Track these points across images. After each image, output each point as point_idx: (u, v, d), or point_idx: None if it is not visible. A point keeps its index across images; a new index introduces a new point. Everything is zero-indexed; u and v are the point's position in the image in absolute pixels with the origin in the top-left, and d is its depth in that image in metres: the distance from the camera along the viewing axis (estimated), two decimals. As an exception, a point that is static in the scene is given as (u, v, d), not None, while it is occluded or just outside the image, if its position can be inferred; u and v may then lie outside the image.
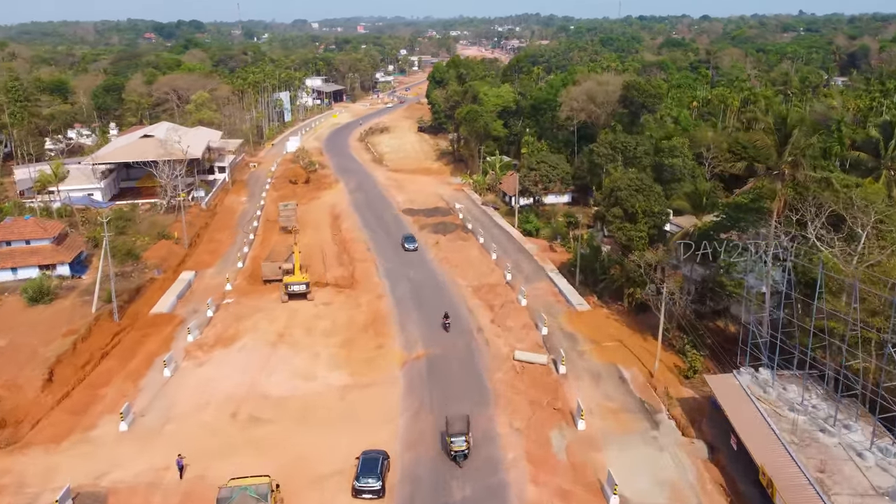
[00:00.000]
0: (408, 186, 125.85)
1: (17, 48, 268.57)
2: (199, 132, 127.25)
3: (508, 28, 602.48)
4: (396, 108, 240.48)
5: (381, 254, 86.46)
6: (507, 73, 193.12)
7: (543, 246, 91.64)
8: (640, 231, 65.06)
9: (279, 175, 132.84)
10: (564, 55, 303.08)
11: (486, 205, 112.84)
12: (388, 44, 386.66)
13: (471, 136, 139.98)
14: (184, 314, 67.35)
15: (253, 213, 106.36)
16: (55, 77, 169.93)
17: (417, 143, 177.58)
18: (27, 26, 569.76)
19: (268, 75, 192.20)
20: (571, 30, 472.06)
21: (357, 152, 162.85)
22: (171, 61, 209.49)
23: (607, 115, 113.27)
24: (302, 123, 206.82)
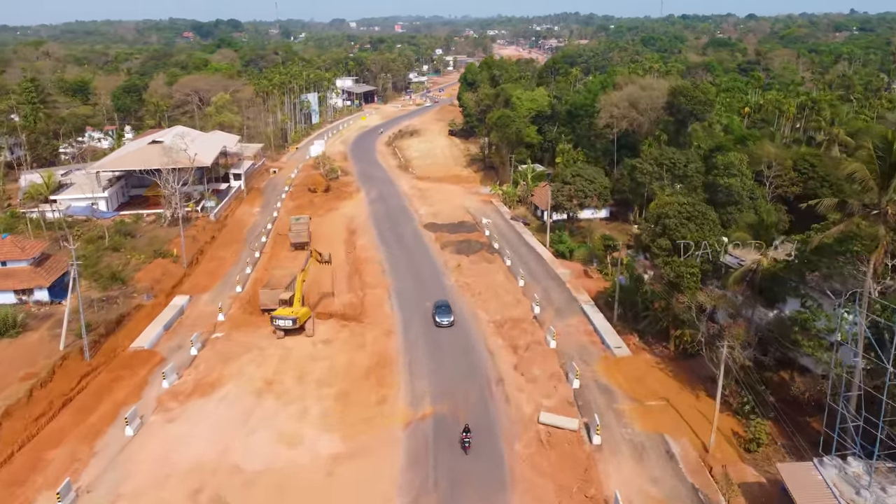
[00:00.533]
0: (433, 196, 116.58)
1: (52, 47, 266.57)
2: (213, 137, 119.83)
3: (547, 27, 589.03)
4: (428, 110, 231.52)
5: (396, 277, 77.30)
6: (542, 74, 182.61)
7: (577, 271, 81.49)
8: (692, 267, 54.72)
9: (298, 182, 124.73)
10: (604, 55, 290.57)
11: (515, 219, 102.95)
12: (424, 43, 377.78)
13: (502, 142, 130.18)
14: (166, 351, 59.09)
15: (264, 226, 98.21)
16: (78, 77, 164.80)
17: (447, 147, 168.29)
18: (72, 25, 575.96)
19: (294, 76, 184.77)
20: (611, 29, 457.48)
21: (383, 158, 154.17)
22: (199, 61, 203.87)
23: (651, 123, 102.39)
24: (330, 125, 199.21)
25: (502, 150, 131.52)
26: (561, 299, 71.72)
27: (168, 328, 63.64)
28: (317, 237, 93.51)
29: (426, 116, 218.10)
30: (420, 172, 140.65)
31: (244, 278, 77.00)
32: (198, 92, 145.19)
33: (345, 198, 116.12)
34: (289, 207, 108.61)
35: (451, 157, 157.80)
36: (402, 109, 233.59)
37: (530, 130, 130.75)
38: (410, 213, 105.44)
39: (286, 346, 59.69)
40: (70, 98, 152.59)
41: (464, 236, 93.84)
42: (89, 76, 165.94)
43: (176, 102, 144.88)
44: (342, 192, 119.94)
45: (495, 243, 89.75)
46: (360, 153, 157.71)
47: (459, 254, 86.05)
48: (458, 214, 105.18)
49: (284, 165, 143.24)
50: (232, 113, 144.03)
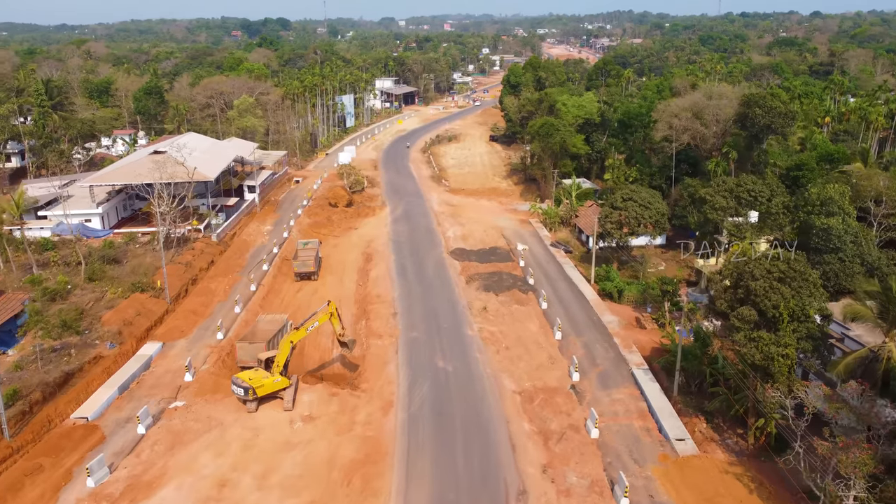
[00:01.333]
0: (464, 214, 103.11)
1: (94, 46, 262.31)
2: (226, 146, 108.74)
3: (598, 26, 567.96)
4: (471, 113, 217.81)
5: (408, 324, 64.17)
6: (592, 76, 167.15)
7: (627, 318, 67.05)
8: (786, 345, 40.17)
9: (319, 195, 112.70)
10: (658, 56, 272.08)
11: (556, 245, 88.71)
12: (470, 42, 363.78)
13: (544, 153, 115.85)
14: (111, 425, 47.27)
15: (270, 249, 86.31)
16: (104, 78, 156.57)
17: (487, 155, 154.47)
18: (127, 24, 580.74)
19: (328, 77, 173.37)
20: (666, 27, 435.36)
21: (416, 166, 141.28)
22: (233, 61, 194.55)
23: (717, 136, 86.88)
24: (365, 129, 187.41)
25: (544, 161, 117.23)
26: (607, 359, 57.57)
27: (123, 390, 51.91)
28: (328, 265, 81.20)
29: (467, 120, 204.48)
30: (454, 184, 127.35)
31: (230, 321, 64.96)
32: (221, 94, 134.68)
33: (367, 214, 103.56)
34: (304, 226, 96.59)
35: (489, 166, 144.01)
36: (442, 112, 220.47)
37: (577, 140, 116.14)
38: (437, 236, 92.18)
39: (256, 424, 47.13)
40: (91, 100, 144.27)
41: (494, 267, 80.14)
42: (114, 77, 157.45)
43: (197, 105, 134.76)
44: (365, 207, 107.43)
45: (530, 278, 75.81)
46: (392, 161, 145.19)
47: (487, 291, 72.43)
48: (490, 238, 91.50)
49: (309, 174, 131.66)
50: (256, 117, 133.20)
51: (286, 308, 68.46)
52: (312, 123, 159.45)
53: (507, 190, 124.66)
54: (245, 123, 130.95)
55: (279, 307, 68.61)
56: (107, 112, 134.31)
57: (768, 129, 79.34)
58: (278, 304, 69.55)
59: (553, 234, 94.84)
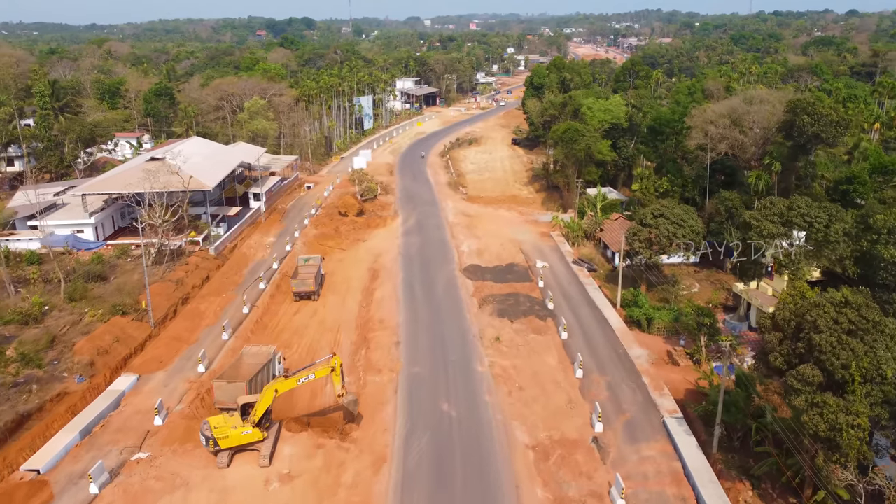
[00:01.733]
0: (481, 226, 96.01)
1: (115, 45, 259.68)
2: (231, 151, 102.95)
3: (626, 25, 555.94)
4: (493, 114, 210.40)
5: (412, 356, 57.32)
6: (619, 77, 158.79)
7: (658, 351, 59.49)
8: (858, 414, 32.63)
9: (329, 203, 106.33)
10: (689, 55, 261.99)
11: (579, 262, 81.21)
12: (495, 42, 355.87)
13: (567, 160, 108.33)
14: (63, 480, 41.11)
15: (271, 264, 80.00)
16: (114, 79, 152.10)
17: (508, 159, 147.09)
18: (154, 23, 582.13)
19: (345, 78, 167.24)
20: (696, 27, 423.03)
21: (434, 171, 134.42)
22: (250, 61, 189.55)
23: (758, 146, 78.70)
24: (384, 131, 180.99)
25: (568, 169, 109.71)
26: (634, 404, 50.17)
27: (85, 435, 45.78)
28: (331, 282, 74.76)
29: (489, 122, 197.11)
30: (472, 191, 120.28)
31: (216, 349, 58.70)
32: (232, 96, 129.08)
33: (377, 225, 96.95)
34: (309, 237, 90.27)
35: (510, 171, 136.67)
36: (464, 113, 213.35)
37: (602, 146, 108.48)
38: (450, 250, 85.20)
39: (226, 484, 40.58)
40: (102, 101, 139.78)
41: (511, 288, 72.95)
42: (125, 77, 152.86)
43: (207, 108, 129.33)
44: (376, 217, 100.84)
45: (549, 301, 68.46)
46: (409, 165, 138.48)
47: (502, 316, 65.32)
48: (507, 253, 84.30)
49: (322, 179, 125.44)
50: (267, 120, 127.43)
51: (280, 333, 62.11)
52: (328, 126, 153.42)
53: (528, 198, 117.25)
54: (255, 126, 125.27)
55: (272, 333, 62.26)
56: (116, 114, 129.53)
57: (817, 139, 71.06)
58: (272, 329, 63.20)
59: (576, 249, 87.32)
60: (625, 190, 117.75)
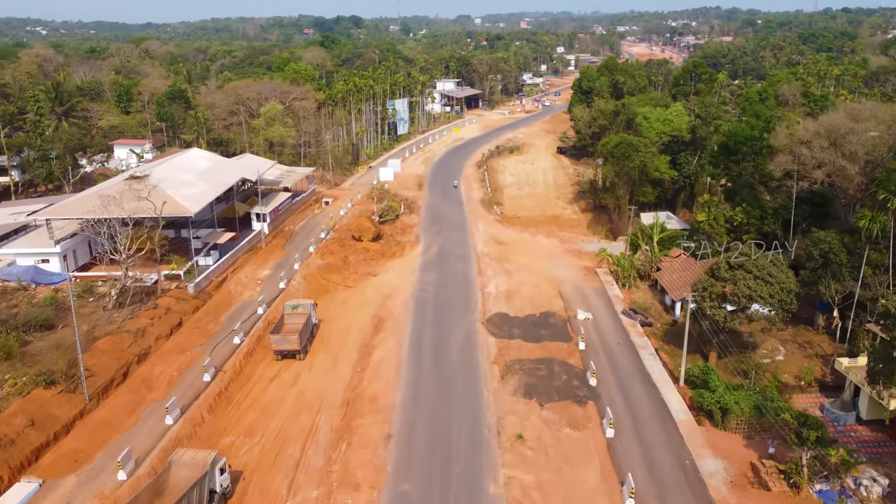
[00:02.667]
0: (514, 258, 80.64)
1: (153, 44, 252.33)
2: (234, 164, 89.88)
3: (683, 23, 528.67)
4: (539, 118, 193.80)
5: (404, 461, 42.46)
6: (679, 80, 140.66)
7: (739, 462, 43.24)
8: None
9: (343, 225, 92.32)
10: (754, 55, 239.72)
11: (631, 313, 65.08)
12: (544, 40, 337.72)
13: (619, 178, 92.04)
14: None
15: (256, 307, 66.18)
16: (131, 81, 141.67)
17: (552, 171, 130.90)
18: (207, 22, 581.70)
19: (378, 79, 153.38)
20: (759, 24, 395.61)
21: (468, 185, 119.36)
22: (280, 61, 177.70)
23: (866, 174, 61.15)
24: (420, 137, 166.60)
25: (618, 188, 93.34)
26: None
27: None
28: (327, 332, 60.84)
29: (534, 127, 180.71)
30: (509, 209, 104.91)
31: (153, 440, 44.97)
32: (247, 101, 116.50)
33: (393, 254, 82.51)
34: (312, 270, 76.34)
35: (553, 186, 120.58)
36: (507, 117, 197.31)
37: (660, 163, 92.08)
38: (473, 292, 70.09)
39: None
40: (115, 105, 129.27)
41: (544, 350, 57.51)
42: (140, 78, 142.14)
43: (221, 113, 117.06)
44: (394, 243, 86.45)
45: (592, 376, 52.78)
46: (441, 178, 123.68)
47: (529, 396, 50.06)
48: (543, 297, 68.80)
49: (342, 193, 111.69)
50: (285, 126, 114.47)
51: (244, 414, 48.29)
52: (357, 132, 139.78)
53: (572, 220, 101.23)
54: (272, 134, 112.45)
55: (235, 412, 48.48)
56: (128, 119, 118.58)
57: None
58: (237, 406, 49.40)
59: (626, 292, 71.17)
60: (684, 212, 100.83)
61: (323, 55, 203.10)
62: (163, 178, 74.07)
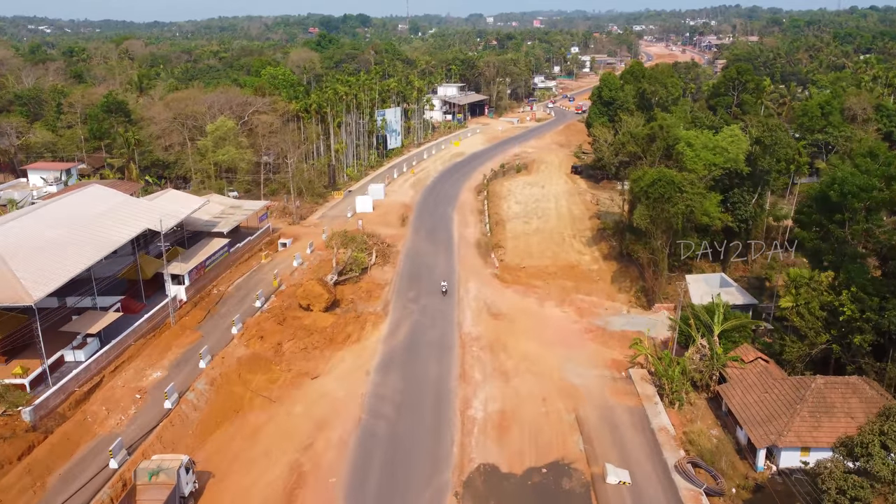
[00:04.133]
0: (514, 346, 56.76)
1: (134, 44, 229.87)
2: (144, 207, 66.19)
3: (703, 22, 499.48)
4: (551, 128, 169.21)
5: None
6: (718, 90, 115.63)
7: None
8: None
9: (292, 286, 68.57)
10: (789, 57, 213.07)
11: (689, 473, 40.91)
12: (558, 40, 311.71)
13: (656, 225, 67.65)
14: None
15: (113, 454, 42.77)
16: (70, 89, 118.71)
17: (565, 197, 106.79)
18: (213, 21, 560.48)
19: (364, 85, 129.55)
20: (785, 23, 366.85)
21: (462, 219, 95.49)
22: (259, 64, 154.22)
23: None
24: (414, 151, 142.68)
25: (655, 238, 68.88)
26: None
27: None
28: None
29: (545, 138, 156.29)
30: (510, 255, 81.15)
31: None
32: (195, 116, 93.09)
33: (347, 339, 58.55)
34: (229, 366, 52.65)
35: (567, 218, 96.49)
36: (516, 126, 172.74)
37: (710, 205, 68.13)
38: (449, 423, 46.03)
39: None
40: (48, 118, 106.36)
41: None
42: (70, 88, 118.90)
43: (158, 132, 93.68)
44: (353, 316, 62.51)
45: None
46: (431, 209, 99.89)
47: None
48: (553, 429, 44.89)
49: (306, 232, 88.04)
50: (239, 148, 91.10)
51: None
52: (335, 149, 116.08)
53: (591, 273, 77.21)
54: (221, 157, 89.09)
55: None
56: (44, 136, 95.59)
57: None
58: None
59: (677, 414, 46.97)
60: (737, 265, 76.53)
61: (311, 57, 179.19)
62: (15, 237, 50.98)
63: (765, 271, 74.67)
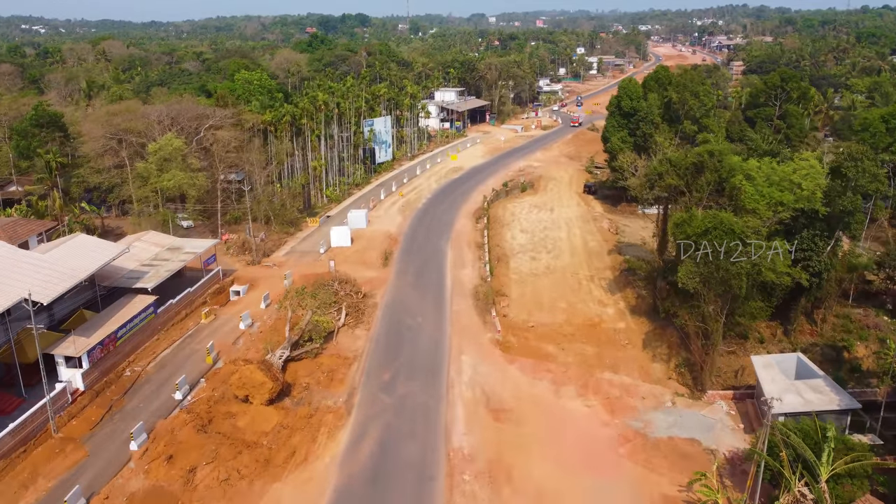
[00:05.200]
0: (523, 474, 39.76)
1: (112, 45, 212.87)
2: (26, 264, 49.10)
3: (711, 21, 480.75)
4: (557, 137, 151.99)
5: None
6: (757, 99, 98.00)
7: None
8: None
9: (227, 368, 51.61)
10: (813, 59, 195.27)
11: None
12: (563, 41, 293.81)
13: (708, 287, 50.46)
14: None
15: None
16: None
17: (579, 224, 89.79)
18: (212, 21, 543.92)
19: (350, 92, 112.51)
20: (798, 23, 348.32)
21: (458, 254, 78.40)
22: (235, 67, 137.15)
23: None
24: (407, 164, 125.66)
25: (709, 301, 51.59)
26: None
27: None
28: None
29: (552, 149, 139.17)
30: (516, 313, 64.07)
31: None
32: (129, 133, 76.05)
33: (287, 459, 41.27)
34: (110, 512, 35.91)
35: (583, 252, 79.45)
36: (520, 135, 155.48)
37: (779, 261, 51.04)
38: None
39: None
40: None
41: None
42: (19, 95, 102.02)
43: (96, 151, 76.64)
44: (304, 414, 45.44)
45: None
46: (422, 240, 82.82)
47: None
48: None
49: (267, 275, 71.02)
50: (187, 171, 74.11)
51: None
52: (313, 167, 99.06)
53: (618, 335, 60.16)
54: (165, 183, 72.12)
55: None
56: None
57: None
58: None
59: None
60: (804, 326, 59.59)
61: (297, 59, 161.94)
62: None
63: (839, 336, 57.94)
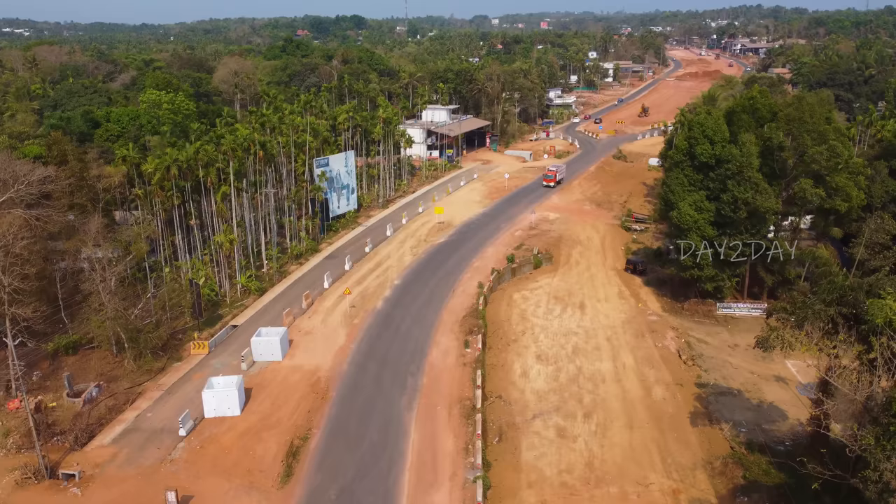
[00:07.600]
0: None
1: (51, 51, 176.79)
2: None
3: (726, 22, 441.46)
4: (579, 167, 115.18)
5: None
6: None
7: None
8: None
9: None
10: (880, 68, 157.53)
11: None
12: (573, 44, 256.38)
13: None
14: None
15: None
16: None
17: (629, 342, 53.23)
18: (204, 23, 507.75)
19: (287, 122, 76.06)
20: (829, 24, 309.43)
21: (429, 428, 41.68)
22: (155, 81, 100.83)
23: None
24: (376, 218, 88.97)
25: None
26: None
27: None
28: None
29: (573, 190, 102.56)
30: None
31: None
32: None
33: None
34: None
35: (646, 414, 42.92)
36: (528, 166, 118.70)
37: None
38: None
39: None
40: None
41: None
42: None
43: None
44: None
45: None
46: (370, 393, 46.11)
47: None
48: None
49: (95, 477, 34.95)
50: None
51: None
52: (218, 243, 62.50)
53: None
54: None
55: None
56: None
57: None
58: None
59: None
60: None
61: (248, 68, 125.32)
62: None
63: None
